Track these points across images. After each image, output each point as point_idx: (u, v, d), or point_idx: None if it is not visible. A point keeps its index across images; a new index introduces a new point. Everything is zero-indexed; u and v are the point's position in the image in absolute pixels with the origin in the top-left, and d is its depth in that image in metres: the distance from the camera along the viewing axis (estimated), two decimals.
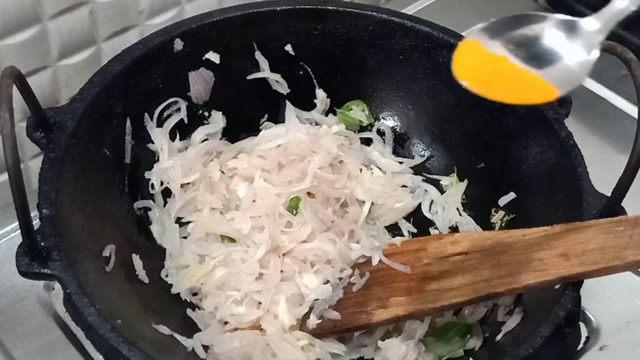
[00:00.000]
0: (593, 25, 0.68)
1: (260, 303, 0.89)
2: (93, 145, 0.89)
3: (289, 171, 0.99)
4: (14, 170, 0.69)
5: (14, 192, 0.70)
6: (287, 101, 1.05)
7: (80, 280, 0.75)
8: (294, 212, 0.95)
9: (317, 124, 1.06)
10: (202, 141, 1.01)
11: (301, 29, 1.02)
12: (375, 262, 0.92)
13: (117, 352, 0.73)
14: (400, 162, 1.06)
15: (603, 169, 0.90)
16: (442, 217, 1.01)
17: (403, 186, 1.04)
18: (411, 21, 1.01)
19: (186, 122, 1.00)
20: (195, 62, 0.99)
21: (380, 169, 1.05)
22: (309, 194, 0.98)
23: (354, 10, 1.02)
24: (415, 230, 1.01)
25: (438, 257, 0.88)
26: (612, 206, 0.82)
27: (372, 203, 1.00)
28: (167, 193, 0.98)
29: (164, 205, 0.98)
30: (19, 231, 0.74)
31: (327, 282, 0.92)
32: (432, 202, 1.03)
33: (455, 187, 1.03)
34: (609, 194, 0.83)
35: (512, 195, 0.97)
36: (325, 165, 1.00)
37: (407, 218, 1.02)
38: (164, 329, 0.85)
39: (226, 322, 0.89)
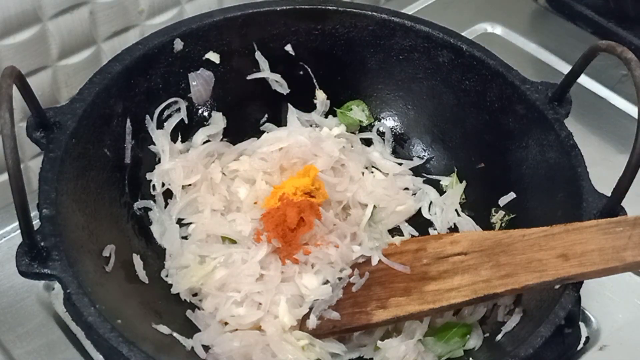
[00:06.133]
0: None
1: (260, 304, 0.89)
2: (93, 145, 0.89)
3: (291, 174, 0.99)
4: (14, 170, 0.69)
5: (14, 192, 0.70)
6: (289, 104, 1.05)
7: (80, 280, 0.75)
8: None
9: (317, 126, 1.06)
10: (204, 143, 1.02)
11: (301, 29, 1.02)
12: (374, 262, 0.92)
13: (117, 352, 0.73)
14: (400, 164, 1.06)
15: (603, 169, 0.90)
16: (441, 218, 1.01)
17: (405, 189, 1.04)
18: (411, 21, 1.01)
19: (186, 122, 1.00)
20: (195, 62, 0.99)
21: (380, 170, 1.05)
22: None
23: (354, 10, 1.02)
24: (417, 234, 1.01)
25: (437, 257, 0.88)
26: (612, 206, 0.82)
27: (374, 206, 1.00)
28: (168, 194, 0.98)
29: (165, 207, 0.98)
30: (19, 231, 0.74)
31: (327, 282, 0.92)
32: (430, 203, 1.03)
33: (454, 189, 1.02)
34: (609, 194, 0.83)
35: (512, 195, 0.97)
36: (327, 169, 1.00)
37: (407, 220, 1.02)
38: (164, 329, 0.85)
39: (226, 323, 0.89)
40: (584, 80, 1.21)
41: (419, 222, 1.02)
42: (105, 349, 0.86)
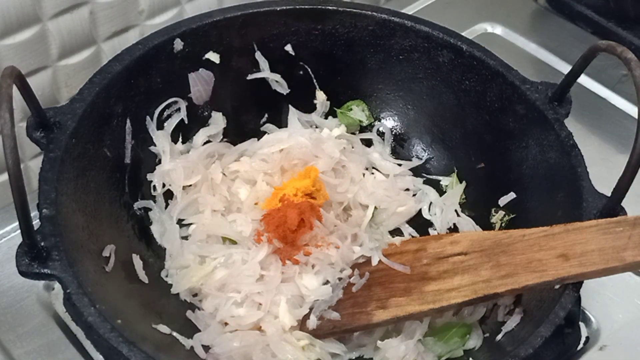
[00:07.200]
0: None
1: (260, 304, 0.89)
2: (93, 145, 0.89)
3: (292, 175, 0.99)
4: (14, 170, 0.69)
5: (14, 192, 0.70)
6: (289, 105, 1.05)
7: (80, 280, 0.75)
8: None
9: (317, 127, 1.06)
10: (204, 143, 1.01)
11: (301, 29, 1.02)
12: (374, 262, 0.92)
13: (117, 352, 0.73)
14: (400, 165, 1.06)
15: (603, 169, 0.90)
16: (441, 218, 1.01)
17: (405, 189, 1.04)
18: (411, 21, 1.01)
19: (186, 122, 1.00)
20: (195, 62, 0.99)
21: (380, 171, 1.05)
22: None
23: (354, 10, 1.02)
24: (417, 234, 1.01)
25: (437, 257, 0.88)
26: (612, 206, 0.82)
27: (375, 207, 1.00)
28: (168, 194, 0.98)
29: (166, 207, 0.98)
30: (19, 231, 0.74)
31: (327, 282, 0.92)
32: (430, 203, 1.03)
33: (453, 189, 1.02)
34: (609, 194, 0.83)
35: (512, 195, 0.97)
36: (328, 170, 1.00)
37: (407, 220, 1.02)
38: (164, 329, 0.85)
39: (226, 323, 0.89)
40: (584, 80, 1.21)
41: (419, 222, 1.02)
42: (105, 349, 0.86)
